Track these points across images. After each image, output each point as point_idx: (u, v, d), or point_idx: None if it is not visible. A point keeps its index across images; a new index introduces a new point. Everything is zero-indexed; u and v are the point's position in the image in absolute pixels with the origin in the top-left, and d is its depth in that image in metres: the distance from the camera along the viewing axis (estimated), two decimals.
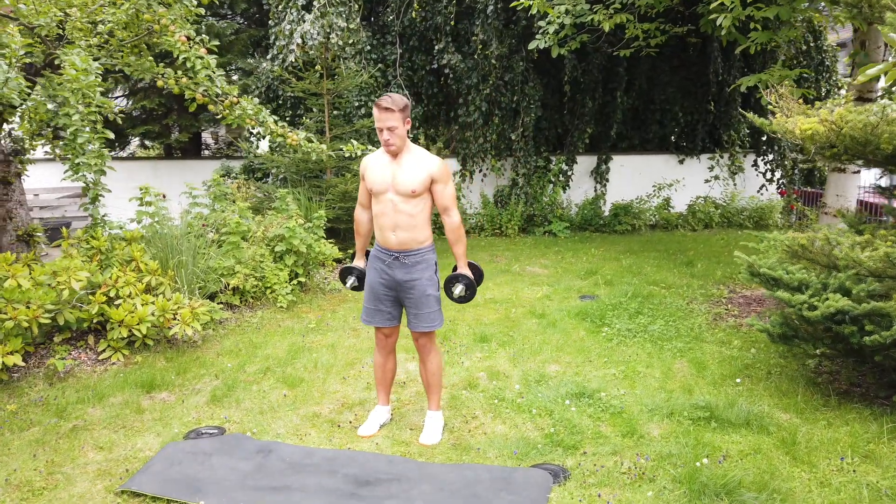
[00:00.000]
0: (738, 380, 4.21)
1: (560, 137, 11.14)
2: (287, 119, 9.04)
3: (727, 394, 4.01)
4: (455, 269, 3.55)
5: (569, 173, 10.73)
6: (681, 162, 11.48)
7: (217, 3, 9.33)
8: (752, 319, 4.14)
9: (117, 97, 10.35)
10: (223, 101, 5.76)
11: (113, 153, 11.23)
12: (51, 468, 3.24)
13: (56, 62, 5.10)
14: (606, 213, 10.71)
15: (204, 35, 5.49)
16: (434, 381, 3.59)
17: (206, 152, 12.05)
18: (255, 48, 10.44)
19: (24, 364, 4.16)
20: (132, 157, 11.46)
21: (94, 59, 5.87)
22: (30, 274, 4.61)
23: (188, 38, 5.29)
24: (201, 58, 5.26)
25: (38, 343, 4.85)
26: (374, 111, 3.26)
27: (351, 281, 3.64)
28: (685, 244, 9.22)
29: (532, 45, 7.80)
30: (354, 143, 6.45)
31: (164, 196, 5.94)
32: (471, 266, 3.59)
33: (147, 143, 11.46)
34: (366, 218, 3.60)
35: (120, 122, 8.60)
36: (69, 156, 4.85)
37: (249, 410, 3.89)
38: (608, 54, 9.90)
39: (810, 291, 3.55)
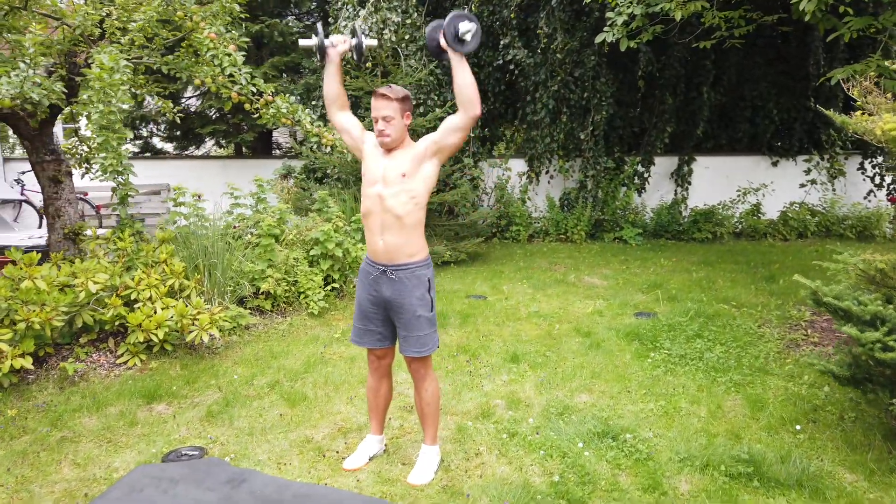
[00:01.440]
0: (798, 426, 3.55)
1: (636, 137, 10.40)
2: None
3: (782, 443, 3.36)
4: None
5: (645, 175, 9.98)
6: (774, 164, 10.44)
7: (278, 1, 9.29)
8: (813, 356, 3.45)
9: (189, 97, 10.58)
10: (258, 100, 5.58)
11: (187, 152, 11.55)
12: (20, 484, 3.10)
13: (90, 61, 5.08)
14: (685, 219, 9.86)
15: (233, 31, 5.33)
16: (429, 411, 3.19)
17: (277, 151, 12.15)
18: None
19: (32, 368, 4.11)
20: (206, 157, 11.73)
21: (134, 59, 5.87)
22: (56, 274, 4.60)
23: (217, 35, 5.13)
24: (229, 55, 5.10)
25: (63, 344, 4.84)
26: (372, 100, 2.93)
27: (311, 41, 3.06)
28: (771, 256, 8.29)
29: (599, 39, 7.19)
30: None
31: (199, 196, 5.86)
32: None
33: (222, 142, 11.67)
34: (338, 91, 3.12)
35: (178, 121, 8.70)
36: (101, 155, 4.80)
37: (240, 430, 3.64)
38: (691, 47, 9.09)
39: (886, 328, 2.87)
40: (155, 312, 4.68)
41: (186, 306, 4.77)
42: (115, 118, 4.55)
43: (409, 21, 8.03)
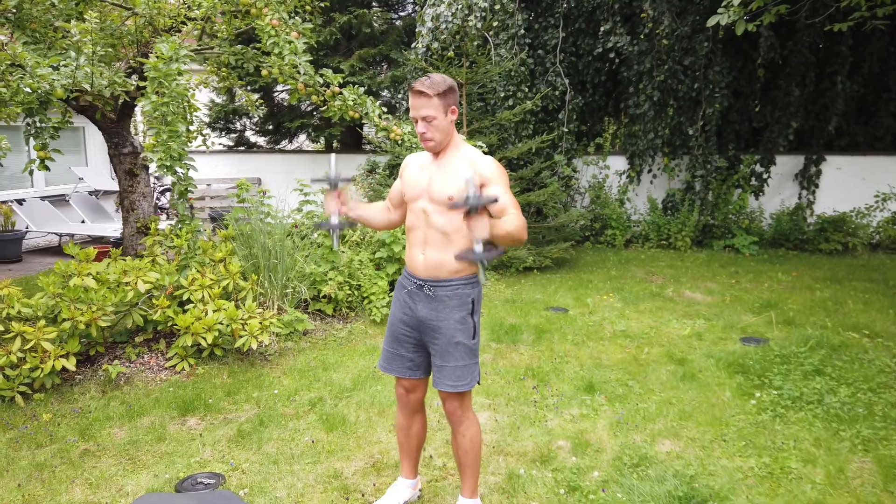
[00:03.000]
0: None
1: (754, 133, 9.28)
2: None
3: None
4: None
5: (764, 176, 8.87)
6: None
7: None
8: None
9: (280, 91, 10.55)
10: (325, 91, 5.25)
11: (279, 146, 11.57)
12: (26, 502, 2.87)
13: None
14: (810, 227, 8.67)
15: (296, 18, 5.00)
16: (468, 460, 2.66)
17: (368, 146, 11.95)
18: (409, 38, 10.01)
19: (74, 369, 3.96)
20: (297, 151, 11.72)
21: (204, 49, 5.70)
22: (112, 270, 4.46)
23: (280, 22, 4.83)
24: (290, 42, 4.77)
25: (119, 342, 4.72)
26: (410, 97, 2.45)
27: (336, 239, 2.66)
28: None
29: (711, 22, 6.29)
30: (481, 144, 5.59)
31: (265, 192, 5.61)
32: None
33: (313, 136, 11.59)
34: (383, 217, 2.77)
35: (260, 115, 8.54)
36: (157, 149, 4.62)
37: (266, 457, 3.27)
38: (824, 30, 7.92)
39: None
40: (205, 315, 4.45)
41: (238, 309, 4.50)
42: (168, 110, 4.32)
43: (497, 7, 7.47)
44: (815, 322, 5.29)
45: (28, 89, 4.10)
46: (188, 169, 4.87)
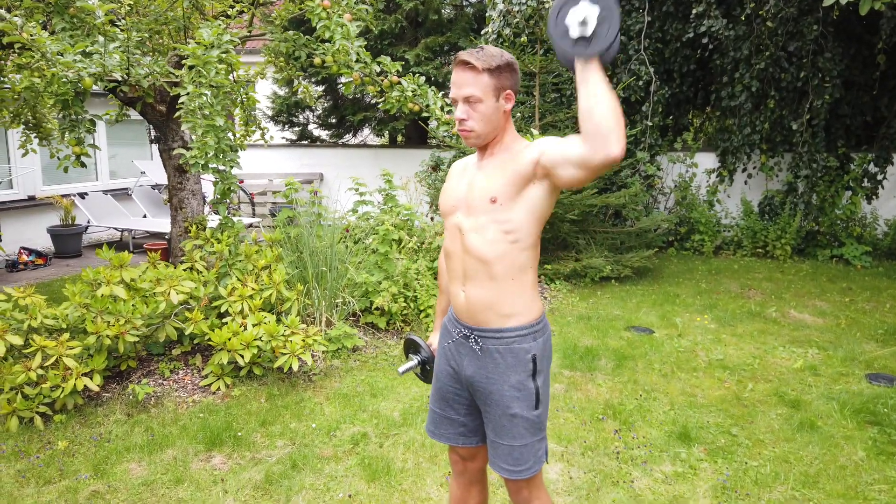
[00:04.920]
0: None
1: (868, 128, 8.18)
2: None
3: None
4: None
5: (878, 177, 7.79)
6: None
7: None
8: None
9: (342, 83, 10.13)
10: (383, 81, 4.71)
11: (343, 140, 11.19)
12: None
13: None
14: None
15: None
16: None
17: (434, 141, 11.42)
18: (480, 25, 9.38)
19: (97, 390, 3.58)
20: (360, 145, 11.30)
21: (255, 36, 5.26)
22: (146, 278, 4.07)
23: (331, 2, 4.31)
24: (342, 25, 4.25)
25: (156, 354, 4.34)
26: (453, 71, 1.84)
27: (411, 363, 2.22)
28: None
29: (828, 1, 5.41)
30: (534, 132, 4.93)
31: (316, 193, 5.14)
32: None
33: (377, 129, 11.16)
34: None
35: (323, 108, 8.05)
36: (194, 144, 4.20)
37: None
38: None
39: None
40: (244, 329, 4.00)
41: (279, 324, 4.03)
42: (206, 101, 3.87)
43: None
44: None
45: (64, 78, 3.74)
46: (231, 166, 4.44)
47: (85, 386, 3.54)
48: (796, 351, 4.60)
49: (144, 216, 8.92)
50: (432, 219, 8.21)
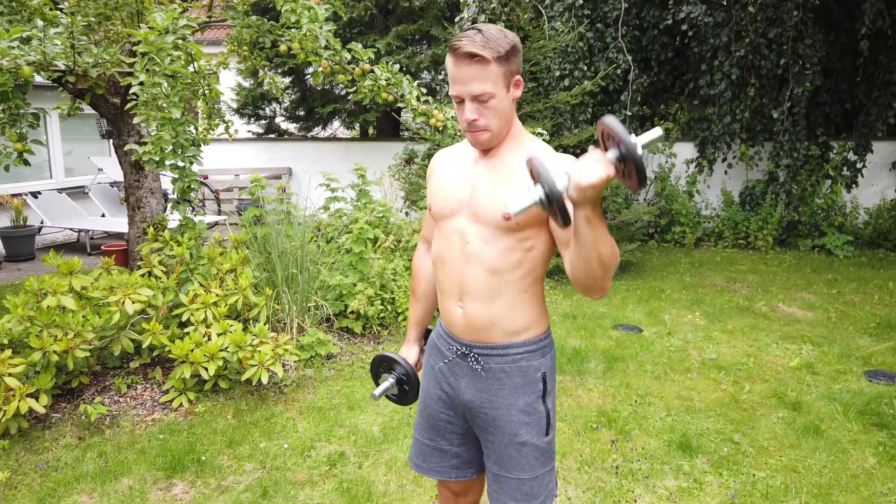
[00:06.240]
0: None
1: (847, 116, 8.10)
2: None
3: None
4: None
5: (858, 165, 7.71)
6: None
7: None
8: None
9: (309, 74, 9.73)
10: (354, 70, 4.40)
11: (312, 133, 10.81)
12: None
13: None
14: None
15: None
16: None
17: (406, 133, 11.10)
18: (453, 13, 9.09)
19: (45, 412, 3.23)
20: (330, 139, 10.93)
21: (214, 21, 4.91)
22: (99, 284, 3.72)
23: None
24: (310, 9, 3.93)
25: (112, 367, 4.00)
26: (448, 63, 1.55)
27: (386, 384, 1.95)
28: None
29: None
30: (542, 131, 4.66)
31: (284, 189, 4.82)
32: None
33: (347, 122, 10.79)
34: (429, 266, 1.92)
35: (290, 100, 7.71)
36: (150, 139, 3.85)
37: None
38: None
39: None
40: (208, 340, 3.68)
41: (247, 333, 3.72)
42: (160, 92, 3.53)
43: None
44: None
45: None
46: (191, 162, 4.10)
47: (30, 408, 3.19)
48: (790, 348, 4.43)
49: (103, 216, 8.47)
50: (407, 214, 7.93)
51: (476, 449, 1.79)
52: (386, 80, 4.36)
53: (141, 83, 3.50)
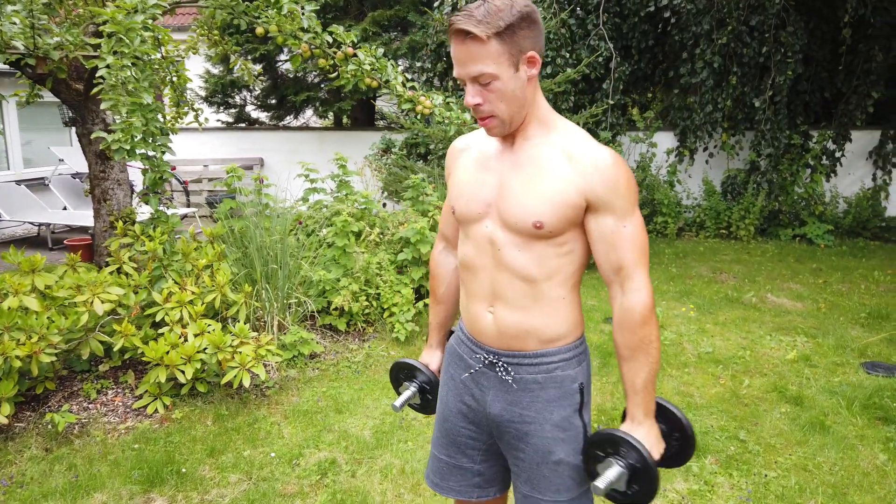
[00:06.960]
0: None
1: (827, 105, 8.12)
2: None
3: None
4: (623, 415, 1.50)
5: (837, 155, 7.73)
6: None
7: None
8: None
9: (284, 60, 9.42)
10: (336, 54, 4.18)
11: (283, 123, 10.49)
12: None
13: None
14: (892, 213, 7.55)
15: None
16: None
17: (382, 122, 10.86)
18: None
19: (7, 422, 2.98)
20: (303, 128, 10.62)
21: (176, 4, 4.63)
22: (64, 282, 3.45)
23: None
24: None
25: (81, 371, 3.74)
26: (450, 43, 1.35)
27: (408, 392, 1.77)
28: None
29: None
30: None
31: (262, 181, 4.58)
32: (662, 415, 1.49)
33: (321, 111, 10.50)
34: (450, 265, 1.73)
35: (262, 88, 7.47)
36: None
37: None
38: None
39: None
40: (184, 341, 3.45)
41: (226, 333, 3.50)
42: (129, 76, 3.27)
43: None
44: None
45: None
46: (163, 152, 3.84)
47: None
48: (784, 340, 4.37)
49: (65, 208, 8.07)
50: (384, 205, 7.71)
51: (500, 466, 1.63)
52: (370, 65, 4.15)
53: (108, 66, 3.24)
